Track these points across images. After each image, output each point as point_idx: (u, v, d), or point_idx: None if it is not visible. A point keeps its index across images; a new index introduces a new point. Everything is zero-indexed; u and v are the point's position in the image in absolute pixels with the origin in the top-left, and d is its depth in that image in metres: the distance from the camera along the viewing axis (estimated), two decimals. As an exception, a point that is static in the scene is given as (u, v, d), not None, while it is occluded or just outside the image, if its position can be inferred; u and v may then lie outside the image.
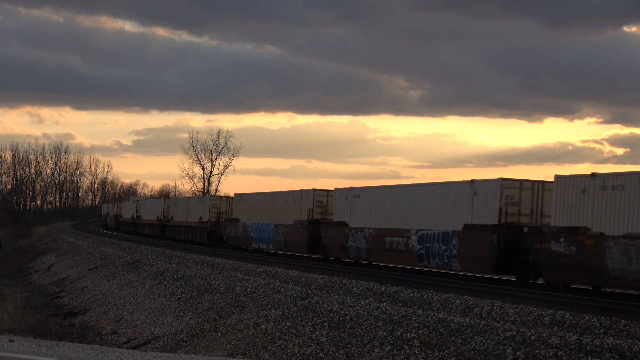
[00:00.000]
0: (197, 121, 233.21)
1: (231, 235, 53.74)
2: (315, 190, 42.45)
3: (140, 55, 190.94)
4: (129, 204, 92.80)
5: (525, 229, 26.88)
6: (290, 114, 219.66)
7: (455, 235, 30.11)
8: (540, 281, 26.38)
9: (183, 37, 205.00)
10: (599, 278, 23.49)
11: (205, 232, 59.42)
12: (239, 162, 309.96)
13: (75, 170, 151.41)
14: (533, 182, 29.51)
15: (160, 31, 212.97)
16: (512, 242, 27.60)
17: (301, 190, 43.79)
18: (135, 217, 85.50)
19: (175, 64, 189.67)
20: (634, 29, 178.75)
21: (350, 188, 38.98)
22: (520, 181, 29.45)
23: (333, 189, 40.62)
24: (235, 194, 55.68)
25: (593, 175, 24.26)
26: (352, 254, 37.58)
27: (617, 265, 22.62)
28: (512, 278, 28.01)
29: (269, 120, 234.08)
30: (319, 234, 40.59)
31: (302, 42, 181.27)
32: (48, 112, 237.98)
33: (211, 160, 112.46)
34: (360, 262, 37.67)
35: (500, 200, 28.87)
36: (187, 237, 64.08)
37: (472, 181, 30.57)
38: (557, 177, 25.91)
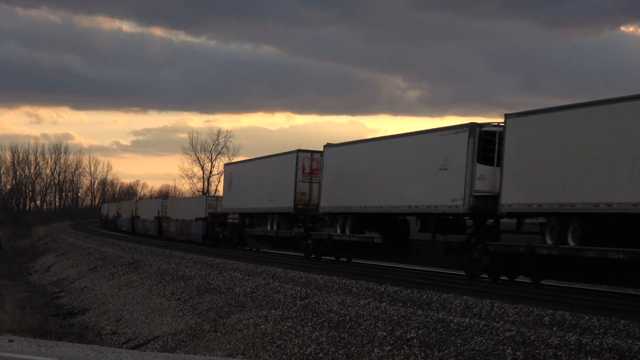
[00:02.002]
0: (196, 121, 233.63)
1: (119, 224, 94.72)
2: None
3: (138, 56, 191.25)
4: (106, 206, 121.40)
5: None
6: (289, 114, 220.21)
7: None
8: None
9: (181, 37, 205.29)
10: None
11: (114, 223, 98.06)
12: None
13: (74, 171, 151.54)
14: None
15: (158, 31, 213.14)
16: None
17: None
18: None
19: (173, 64, 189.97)
20: (631, 28, 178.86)
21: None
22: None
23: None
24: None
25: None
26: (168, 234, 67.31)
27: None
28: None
29: (267, 121, 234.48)
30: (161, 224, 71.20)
31: (300, 42, 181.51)
32: (47, 112, 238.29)
33: (211, 160, 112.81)
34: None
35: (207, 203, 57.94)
36: (111, 226, 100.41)
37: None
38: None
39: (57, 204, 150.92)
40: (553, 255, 23.98)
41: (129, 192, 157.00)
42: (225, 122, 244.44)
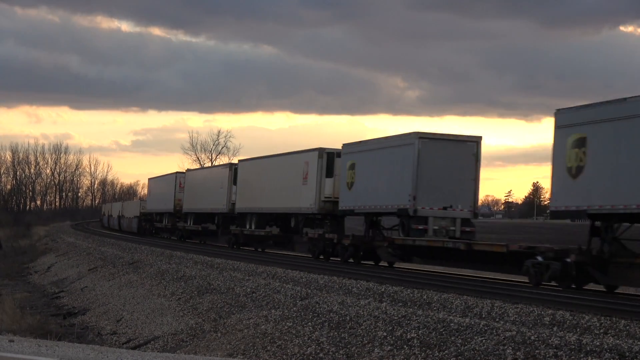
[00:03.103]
0: (195, 121, 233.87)
1: (103, 221, 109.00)
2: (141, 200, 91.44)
3: (137, 55, 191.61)
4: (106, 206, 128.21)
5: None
6: (288, 114, 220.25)
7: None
8: None
9: (179, 37, 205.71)
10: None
11: (101, 221, 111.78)
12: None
13: (75, 171, 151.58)
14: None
15: (157, 31, 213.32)
16: None
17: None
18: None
19: (172, 64, 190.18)
20: (630, 28, 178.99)
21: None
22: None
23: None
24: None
25: None
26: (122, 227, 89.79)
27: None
28: None
29: (267, 120, 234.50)
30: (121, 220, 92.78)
31: (298, 42, 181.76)
32: (46, 112, 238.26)
33: (211, 160, 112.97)
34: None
35: (140, 205, 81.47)
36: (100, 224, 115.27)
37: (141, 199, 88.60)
38: None
39: (57, 204, 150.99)
40: (247, 234, 48.87)
41: (129, 192, 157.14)
42: (225, 122, 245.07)
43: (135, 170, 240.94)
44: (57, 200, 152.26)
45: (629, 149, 22.47)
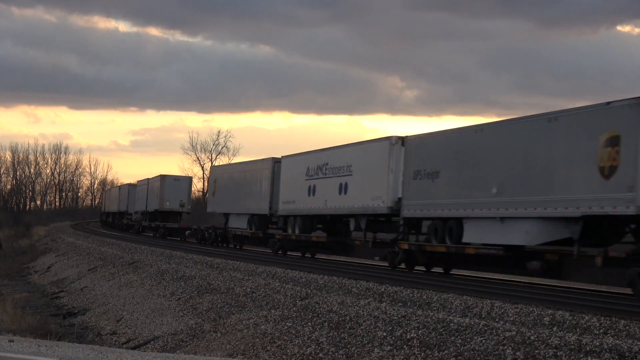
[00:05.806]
0: (194, 121, 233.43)
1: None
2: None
3: (135, 55, 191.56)
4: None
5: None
6: (287, 114, 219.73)
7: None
8: None
9: (177, 37, 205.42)
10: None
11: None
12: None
13: (74, 171, 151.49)
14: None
15: (154, 31, 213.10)
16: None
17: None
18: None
19: (170, 64, 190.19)
20: (628, 28, 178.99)
21: None
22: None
23: None
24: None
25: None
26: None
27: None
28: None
29: (265, 120, 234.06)
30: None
31: (296, 42, 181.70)
32: (44, 112, 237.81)
33: (211, 160, 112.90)
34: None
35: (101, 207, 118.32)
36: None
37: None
38: None
39: (57, 204, 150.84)
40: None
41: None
42: (224, 121, 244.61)
43: (135, 170, 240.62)
44: (57, 200, 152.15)
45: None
